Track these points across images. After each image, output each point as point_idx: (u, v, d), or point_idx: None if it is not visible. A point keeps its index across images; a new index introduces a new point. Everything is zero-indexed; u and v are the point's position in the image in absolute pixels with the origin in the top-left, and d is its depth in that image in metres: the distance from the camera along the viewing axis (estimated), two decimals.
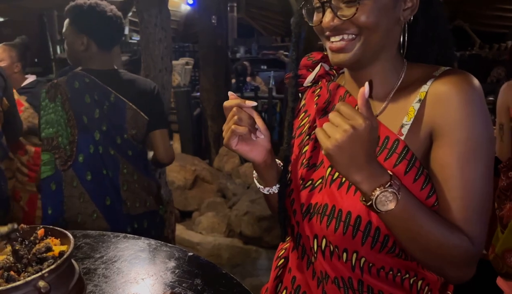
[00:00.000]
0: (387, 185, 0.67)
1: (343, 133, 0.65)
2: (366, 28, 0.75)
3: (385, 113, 0.81)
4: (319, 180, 0.84)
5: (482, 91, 0.74)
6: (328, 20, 0.76)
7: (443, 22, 0.84)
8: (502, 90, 2.13)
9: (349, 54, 0.77)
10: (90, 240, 1.12)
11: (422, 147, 0.76)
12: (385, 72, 0.82)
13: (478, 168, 0.72)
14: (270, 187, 0.90)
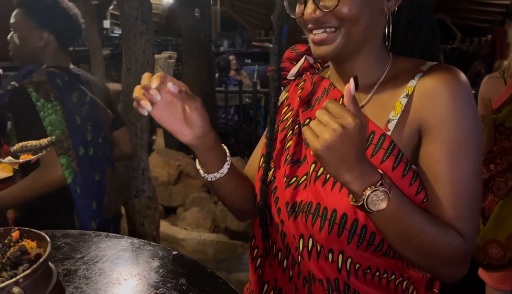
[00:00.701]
0: (378, 184, 0.66)
1: (332, 132, 0.63)
2: (348, 20, 0.73)
3: (370, 106, 0.80)
4: (304, 177, 0.82)
5: (470, 87, 0.74)
6: (310, 11, 0.75)
7: (429, 12, 0.83)
8: (483, 83, 2.15)
9: (331, 46, 0.76)
10: (71, 239, 1.09)
11: (410, 143, 0.75)
12: (370, 64, 0.80)
13: (468, 164, 0.72)
14: (211, 173, 0.85)
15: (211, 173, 0.85)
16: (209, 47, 4.97)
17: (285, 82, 0.95)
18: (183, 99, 0.77)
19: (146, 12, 2.40)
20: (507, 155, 2.04)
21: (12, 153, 0.65)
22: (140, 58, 2.43)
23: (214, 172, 0.85)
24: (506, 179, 2.05)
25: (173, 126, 0.79)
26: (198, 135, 0.80)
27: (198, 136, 0.80)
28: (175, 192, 3.89)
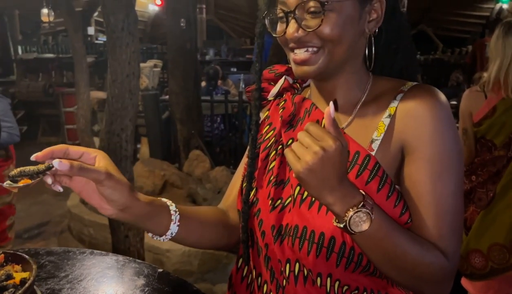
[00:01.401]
0: (360, 205, 0.66)
1: (313, 155, 0.64)
2: (331, 41, 0.74)
3: (353, 126, 0.80)
4: (289, 199, 0.81)
5: (450, 107, 0.75)
6: (292, 31, 0.74)
7: (406, 34, 0.85)
8: (464, 96, 2.19)
9: (313, 67, 0.76)
10: (55, 257, 1.08)
11: (393, 163, 0.76)
12: (351, 85, 0.81)
13: (450, 183, 0.73)
14: (160, 235, 0.80)
15: (159, 235, 0.80)
16: (195, 57, 4.97)
17: (264, 102, 0.95)
18: (80, 175, 0.68)
19: (132, 24, 2.40)
20: (488, 167, 2.08)
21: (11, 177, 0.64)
22: (126, 69, 2.42)
23: (162, 235, 0.80)
24: (487, 190, 2.09)
25: (91, 199, 0.72)
26: (119, 209, 0.72)
27: (120, 210, 0.73)
28: None
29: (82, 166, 0.67)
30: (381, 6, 0.77)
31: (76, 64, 5.04)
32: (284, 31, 0.76)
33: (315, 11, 0.73)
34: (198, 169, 4.32)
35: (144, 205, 0.76)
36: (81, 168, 0.67)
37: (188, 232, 0.83)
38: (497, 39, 2.01)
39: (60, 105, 7.15)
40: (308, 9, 0.73)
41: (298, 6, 0.74)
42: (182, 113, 4.75)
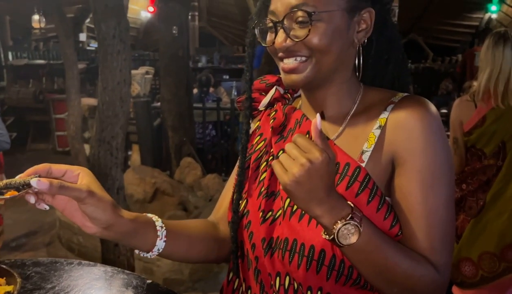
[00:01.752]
0: (348, 218, 0.66)
1: (300, 167, 0.63)
2: (319, 50, 0.74)
3: (343, 137, 0.80)
4: (279, 211, 0.80)
5: (440, 118, 0.75)
6: (280, 40, 0.75)
7: (398, 44, 0.85)
8: (455, 106, 2.21)
9: (301, 75, 0.76)
10: (41, 268, 1.05)
11: (384, 174, 0.75)
12: (341, 95, 0.81)
13: (441, 195, 0.72)
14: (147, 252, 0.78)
15: (146, 253, 0.79)
16: (187, 64, 4.97)
17: (255, 113, 0.94)
18: (61, 193, 0.67)
19: (124, 31, 2.39)
20: (478, 175, 2.10)
21: None
22: (117, 76, 2.41)
23: (149, 251, 0.79)
24: (477, 198, 2.10)
25: (74, 218, 0.71)
26: (102, 227, 0.71)
27: (104, 228, 0.71)
28: (150, 210, 3.83)
29: (62, 184, 0.66)
30: (370, 17, 0.77)
31: (67, 71, 5.01)
32: (273, 41, 0.76)
33: (303, 21, 0.73)
34: (189, 176, 4.30)
35: (128, 222, 0.74)
36: (61, 186, 0.65)
37: (176, 247, 0.82)
38: (487, 49, 2.03)
39: (50, 112, 7.09)
40: (296, 19, 0.73)
41: (286, 16, 0.74)
42: (173, 121, 4.73)
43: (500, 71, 1.97)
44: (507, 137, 1.98)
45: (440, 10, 10.53)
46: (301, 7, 0.72)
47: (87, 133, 5.79)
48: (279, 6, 0.75)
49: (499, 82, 1.97)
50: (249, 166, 0.89)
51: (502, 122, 1.98)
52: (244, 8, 9.59)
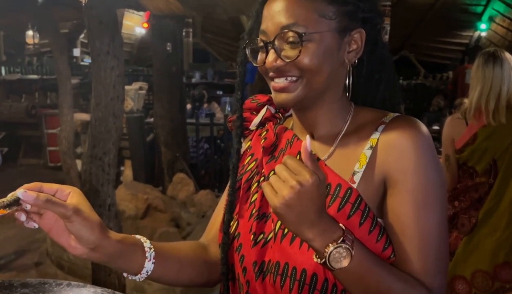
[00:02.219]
0: (339, 240, 0.65)
1: (290, 190, 0.63)
2: (309, 71, 0.74)
3: (334, 158, 0.79)
4: (271, 233, 0.79)
5: (431, 138, 0.75)
6: (271, 60, 0.75)
7: (389, 64, 0.85)
8: (447, 123, 2.23)
9: (292, 95, 0.76)
10: (29, 289, 1.03)
11: (376, 195, 0.74)
12: (331, 114, 0.81)
13: (434, 216, 0.72)
14: (135, 274, 0.76)
15: (133, 274, 0.77)
16: (181, 80, 4.99)
17: (246, 132, 0.93)
18: (47, 207, 0.66)
19: (118, 48, 2.40)
20: (470, 193, 2.10)
21: None
22: (110, 92, 2.41)
23: (137, 274, 0.76)
24: (469, 216, 2.11)
25: (60, 238, 0.70)
26: (89, 248, 0.69)
27: (91, 249, 0.69)
28: (142, 226, 3.80)
29: (49, 198, 0.65)
30: (361, 37, 0.78)
31: (60, 86, 5.00)
32: (264, 61, 0.76)
33: (294, 42, 0.73)
34: (182, 192, 4.28)
35: (115, 243, 0.72)
36: (48, 200, 0.65)
37: (165, 269, 0.80)
38: (477, 68, 2.07)
39: (42, 127, 7.05)
40: (287, 39, 0.73)
41: (277, 36, 0.74)
42: (166, 136, 4.73)
43: (491, 89, 2.00)
44: (498, 155, 2.00)
45: (431, 28, 10.70)
46: (291, 28, 0.73)
47: (79, 149, 5.76)
48: (270, 26, 0.75)
49: (489, 99, 2.00)
50: (240, 186, 0.87)
51: (493, 140, 2.00)
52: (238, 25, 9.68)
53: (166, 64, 4.63)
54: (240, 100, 0.88)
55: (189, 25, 10.51)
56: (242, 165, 0.90)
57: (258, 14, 0.80)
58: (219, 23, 10.40)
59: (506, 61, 2.03)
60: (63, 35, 5.79)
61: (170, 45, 4.50)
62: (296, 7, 0.73)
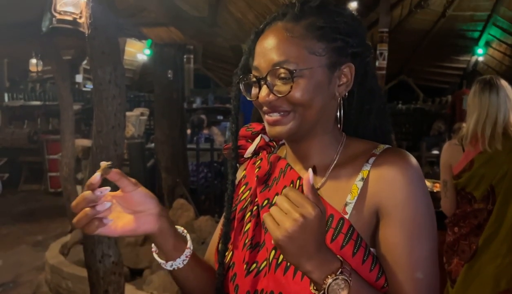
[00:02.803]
0: (338, 272, 0.66)
1: (293, 222, 0.63)
2: (301, 105, 0.76)
3: (326, 188, 0.81)
4: (264, 263, 0.80)
5: (421, 170, 0.78)
6: (264, 95, 0.77)
7: (379, 95, 0.88)
8: (444, 149, 2.25)
9: (285, 128, 0.78)
10: None
11: (368, 226, 0.76)
12: (323, 145, 0.83)
13: (426, 247, 0.73)
14: (173, 260, 0.81)
15: (171, 260, 0.81)
16: (181, 106, 5.03)
17: (242, 160, 0.96)
18: (120, 178, 0.75)
19: (119, 77, 2.44)
20: (469, 219, 2.10)
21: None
22: (111, 121, 2.43)
23: (175, 258, 0.81)
24: (470, 242, 2.10)
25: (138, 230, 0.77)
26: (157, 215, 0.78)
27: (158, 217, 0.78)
28: (142, 253, 3.77)
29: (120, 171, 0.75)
30: (350, 71, 0.80)
31: (62, 112, 5.05)
32: (257, 95, 0.79)
33: (285, 77, 0.76)
34: (182, 218, 4.26)
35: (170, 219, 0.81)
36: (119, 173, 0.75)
37: (192, 267, 0.84)
38: (474, 95, 2.10)
39: (44, 152, 7.08)
40: (279, 75, 0.76)
41: (269, 73, 0.77)
42: (167, 162, 4.74)
43: (487, 116, 2.03)
44: (495, 181, 2.01)
45: (429, 53, 10.84)
46: (283, 65, 0.76)
47: (80, 175, 5.77)
48: (262, 62, 0.78)
49: (486, 127, 2.02)
50: (235, 216, 0.89)
51: (490, 167, 2.01)
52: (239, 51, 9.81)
53: (167, 91, 4.69)
54: (235, 133, 0.90)
55: (190, 52, 10.68)
56: (237, 194, 0.92)
57: (250, 51, 0.84)
58: (220, 50, 10.57)
59: (502, 88, 2.06)
60: (66, 62, 5.88)
61: (171, 73, 4.56)
62: (287, 45, 0.76)
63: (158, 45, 4.77)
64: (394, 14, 8.73)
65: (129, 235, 0.78)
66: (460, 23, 10.00)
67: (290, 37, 0.77)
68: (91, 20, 2.37)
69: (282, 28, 0.78)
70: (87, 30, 2.40)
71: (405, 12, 9.43)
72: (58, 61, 5.01)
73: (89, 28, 2.39)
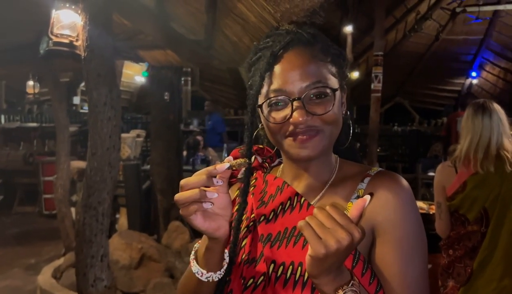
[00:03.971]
0: (350, 284, 0.68)
1: (338, 241, 0.63)
2: (332, 124, 0.80)
3: (321, 205, 0.81)
4: (261, 277, 0.81)
5: (412, 193, 0.81)
6: (297, 116, 0.78)
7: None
8: (437, 171, 2.26)
9: (317, 148, 0.80)
10: None
11: (365, 242, 0.78)
12: (320, 165, 0.87)
13: (419, 265, 0.77)
14: (213, 272, 0.81)
15: (211, 272, 0.81)
16: (178, 128, 5.04)
17: (233, 180, 0.95)
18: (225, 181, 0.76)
19: (115, 99, 2.46)
20: (463, 241, 2.09)
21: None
22: (106, 142, 2.44)
23: (216, 270, 0.81)
24: (465, 265, 2.09)
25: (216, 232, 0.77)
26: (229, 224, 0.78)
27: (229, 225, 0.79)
28: (136, 276, 3.71)
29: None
30: (345, 94, 0.87)
31: (58, 134, 5.04)
32: (284, 118, 0.79)
33: (321, 97, 0.79)
34: (177, 241, 4.21)
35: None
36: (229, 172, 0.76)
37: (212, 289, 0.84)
38: (467, 118, 2.12)
39: (39, 174, 7.04)
40: (315, 95, 0.79)
41: (305, 94, 0.78)
42: (163, 184, 4.72)
43: (480, 139, 2.05)
44: (488, 204, 2.01)
45: (424, 76, 10.99)
46: (318, 85, 0.79)
47: (75, 197, 5.73)
48: (290, 84, 0.79)
49: (478, 149, 2.04)
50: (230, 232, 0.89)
51: (482, 189, 2.02)
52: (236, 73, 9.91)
53: (164, 113, 4.70)
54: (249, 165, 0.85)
55: (188, 74, 10.78)
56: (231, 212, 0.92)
57: (265, 75, 0.82)
58: (217, 72, 10.67)
59: (495, 112, 2.08)
60: (63, 84, 5.91)
61: (168, 95, 4.59)
62: (316, 67, 0.80)
63: (155, 68, 4.81)
64: (388, 37, 8.89)
65: (208, 232, 0.76)
66: (454, 47, 10.17)
67: (314, 60, 0.80)
68: (88, 43, 2.40)
69: (304, 52, 0.81)
70: (84, 52, 2.43)
71: (400, 36, 9.60)
72: (55, 83, 5.03)
73: (85, 51, 2.42)
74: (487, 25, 9.45)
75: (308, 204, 0.82)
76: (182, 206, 0.72)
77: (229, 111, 11.58)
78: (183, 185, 0.72)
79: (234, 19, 2.45)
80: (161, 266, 3.84)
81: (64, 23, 2.83)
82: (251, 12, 2.20)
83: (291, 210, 0.83)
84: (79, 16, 2.61)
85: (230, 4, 2.34)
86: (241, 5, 2.22)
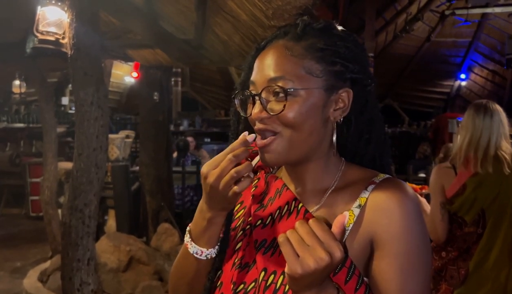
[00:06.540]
0: None
1: (316, 262, 0.61)
2: (291, 126, 0.74)
3: (321, 212, 0.79)
4: (252, 283, 0.77)
5: (418, 202, 0.77)
6: (256, 112, 0.76)
7: (380, 125, 0.85)
8: (435, 172, 2.20)
9: (273, 156, 0.77)
10: None
11: (362, 254, 0.74)
12: (319, 170, 0.81)
13: (419, 281, 0.72)
14: (212, 247, 0.81)
15: (211, 248, 0.81)
16: (167, 129, 4.99)
17: None
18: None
19: (102, 98, 2.40)
20: (458, 243, 2.07)
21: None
22: (93, 143, 2.38)
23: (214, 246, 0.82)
24: (458, 267, 2.06)
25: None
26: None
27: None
28: (124, 279, 3.65)
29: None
30: (348, 96, 0.79)
31: (45, 135, 4.96)
32: (251, 112, 0.77)
33: (280, 95, 0.74)
34: (166, 243, 4.16)
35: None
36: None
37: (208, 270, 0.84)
38: (468, 117, 2.10)
39: (26, 176, 6.93)
40: (274, 92, 0.75)
41: (264, 89, 0.75)
42: (152, 185, 4.66)
43: (480, 137, 2.02)
44: (486, 205, 1.99)
45: (413, 78, 11.08)
46: (278, 81, 0.74)
47: (62, 198, 5.64)
48: (259, 77, 0.77)
49: (478, 148, 2.01)
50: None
51: (481, 190, 1.99)
52: (227, 74, 9.88)
53: (153, 113, 4.64)
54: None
55: (178, 75, 10.71)
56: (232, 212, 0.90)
57: (250, 67, 0.82)
58: (208, 73, 10.63)
59: (497, 112, 2.06)
60: (50, 84, 5.83)
61: (157, 95, 4.54)
62: (285, 62, 0.75)
63: (144, 68, 4.75)
64: (379, 39, 8.93)
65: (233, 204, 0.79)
66: (443, 49, 10.26)
67: (289, 55, 0.76)
68: (74, 40, 2.34)
69: (282, 46, 0.77)
70: (70, 51, 2.37)
71: (390, 38, 9.66)
72: (42, 83, 4.95)
73: (71, 49, 2.36)
74: (475, 27, 9.56)
75: (305, 211, 0.77)
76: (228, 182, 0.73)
77: (219, 112, 11.54)
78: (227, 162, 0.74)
79: (224, 17, 2.42)
80: (150, 269, 3.78)
81: (50, 20, 2.77)
82: (242, 9, 2.17)
83: (288, 216, 0.79)
84: (65, 13, 2.55)
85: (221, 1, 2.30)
86: (231, 2, 2.19)
